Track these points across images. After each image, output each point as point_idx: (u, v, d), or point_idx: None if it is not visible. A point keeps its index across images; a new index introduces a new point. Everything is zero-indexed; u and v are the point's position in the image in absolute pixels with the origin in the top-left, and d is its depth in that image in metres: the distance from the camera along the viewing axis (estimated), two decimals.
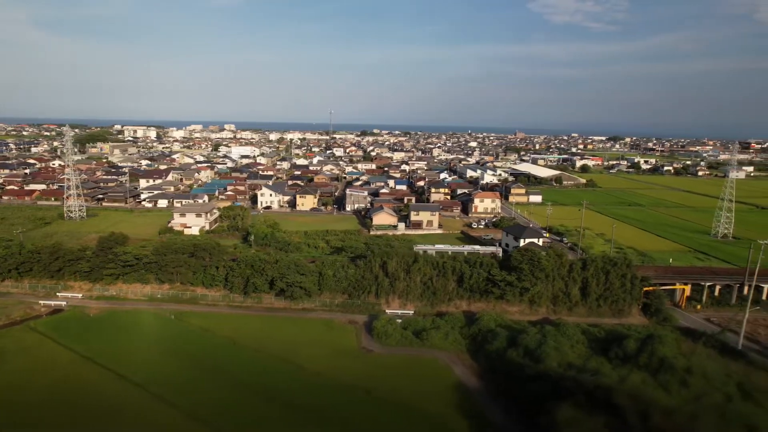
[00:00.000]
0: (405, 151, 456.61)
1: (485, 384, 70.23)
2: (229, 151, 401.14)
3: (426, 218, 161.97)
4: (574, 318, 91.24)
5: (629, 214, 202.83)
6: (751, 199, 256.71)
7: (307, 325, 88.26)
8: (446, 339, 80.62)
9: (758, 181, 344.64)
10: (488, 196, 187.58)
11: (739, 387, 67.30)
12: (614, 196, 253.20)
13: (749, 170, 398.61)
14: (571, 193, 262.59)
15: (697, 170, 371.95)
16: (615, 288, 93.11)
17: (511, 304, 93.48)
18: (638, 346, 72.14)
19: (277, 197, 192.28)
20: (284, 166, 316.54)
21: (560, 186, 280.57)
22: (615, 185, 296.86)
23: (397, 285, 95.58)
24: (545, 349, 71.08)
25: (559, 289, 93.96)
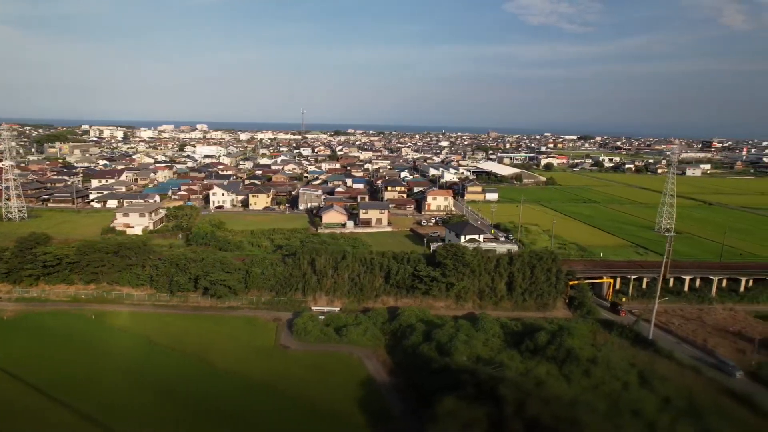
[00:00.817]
0: (373, 150, 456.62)
1: (396, 378, 70.40)
2: (194, 151, 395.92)
3: (375, 216, 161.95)
4: (499, 312, 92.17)
5: (582, 210, 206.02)
6: (704, 196, 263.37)
7: (229, 324, 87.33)
8: (365, 335, 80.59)
9: (713, 179, 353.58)
10: (441, 194, 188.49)
11: (640, 375, 69.06)
12: (572, 194, 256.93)
13: (706, 168, 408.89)
14: (529, 191, 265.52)
15: (657, 168, 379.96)
16: (540, 282, 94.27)
17: (437, 299, 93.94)
18: (548, 339, 73.21)
19: (229, 197, 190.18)
20: (247, 165, 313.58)
21: (520, 184, 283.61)
22: (575, 183, 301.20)
23: (325, 282, 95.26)
24: (455, 344, 71.58)
25: (485, 284, 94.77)
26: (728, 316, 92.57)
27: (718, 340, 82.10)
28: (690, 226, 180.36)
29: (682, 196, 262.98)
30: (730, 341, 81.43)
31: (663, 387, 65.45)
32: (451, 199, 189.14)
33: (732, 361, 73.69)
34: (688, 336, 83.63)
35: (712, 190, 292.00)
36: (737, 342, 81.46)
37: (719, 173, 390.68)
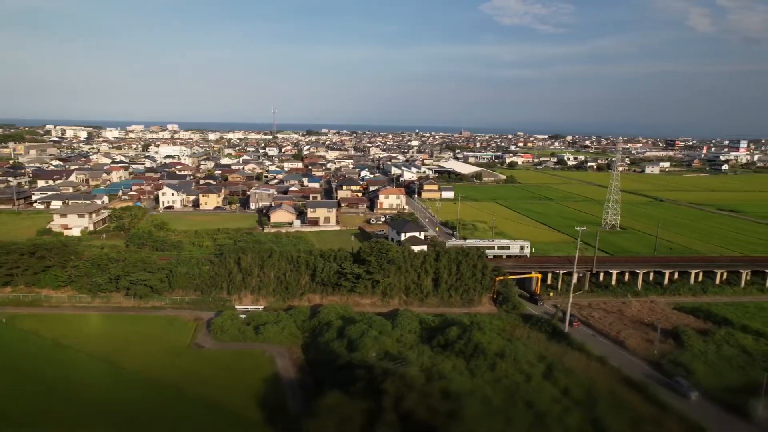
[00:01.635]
0: (341, 150, 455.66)
1: (304, 375, 70.09)
2: (157, 151, 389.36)
3: (323, 215, 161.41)
4: (424, 308, 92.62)
5: (535, 207, 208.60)
6: (658, 193, 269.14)
7: (148, 324, 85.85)
8: (282, 333, 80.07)
9: (671, 176, 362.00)
10: (393, 192, 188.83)
11: (548, 367, 70.05)
12: (529, 191, 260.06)
13: (666, 166, 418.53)
14: (488, 189, 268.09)
15: (617, 166, 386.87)
16: (465, 278, 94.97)
17: (363, 296, 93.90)
18: (459, 334, 73.69)
19: (180, 197, 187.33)
20: (208, 165, 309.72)
21: (480, 182, 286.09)
22: (535, 181, 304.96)
23: (250, 281, 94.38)
24: (364, 340, 71.53)
25: (411, 280, 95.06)
26: (648, 308, 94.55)
27: (631, 332, 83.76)
28: (635, 222, 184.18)
29: (636, 193, 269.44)
30: (642, 332, 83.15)
31: (565, 378, 66.55)
32: (404, 197, 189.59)
33: (686, 381, 68.63)
34: (604, 328, 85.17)
35: (667, 187, 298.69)
36: (648, 333, 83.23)
37: (677, 171, 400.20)
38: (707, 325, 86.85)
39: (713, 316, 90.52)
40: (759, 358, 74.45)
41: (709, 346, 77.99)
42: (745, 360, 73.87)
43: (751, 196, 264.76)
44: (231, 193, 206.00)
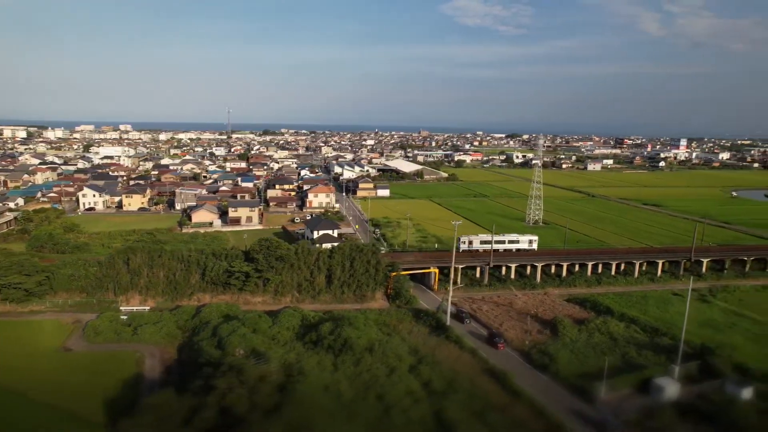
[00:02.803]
0: (291, 149, 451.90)
1: (170, 375, 68.61)
2: (97, 151, 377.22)
3: (245, 214, 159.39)
4: (316, 305, 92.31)
5: (467, 204, 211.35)
6: (594, 189, 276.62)
7: (21, 328, 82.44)
8: (159, 332, 78.37)
9: (611, 173, 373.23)
10: (322, 191, 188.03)
11: (419, 360, 70.85)
12: (467, 189, 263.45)
13: (609, 163, 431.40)
14: (428, 186, 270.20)
15: (562, 163, 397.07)
16: (359, 274, 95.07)
17: (254, 294, 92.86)
18: (331, 330, 73.63)
19: (103, 198, 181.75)
20: (147, 166, 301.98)
21: (422, 180, 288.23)
22: (478, 178, 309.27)
23: (138, 281, 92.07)
24: (231, 338, 70.65)
25: (304, 277, 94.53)
26: (539, 301, 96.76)
27: (514, 323, 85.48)
28: (561, 217, 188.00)
29: (573, 189, 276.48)
30: (524, 324, 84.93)
31: (430, 371, 67.34)
32: (333, 195, 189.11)
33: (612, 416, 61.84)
34: (489, 321, 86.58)
35: (604, 183, 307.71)
36: (529, 323, 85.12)
37: (618, 168, 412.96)
38: (590, 315, 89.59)
39: (598, 306, 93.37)
40: (622, 344, 77.14)
41: (582, 335, 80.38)
42: (608, 346, 76.34)
43: (676, 191, 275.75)
44: (159, 193, 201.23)
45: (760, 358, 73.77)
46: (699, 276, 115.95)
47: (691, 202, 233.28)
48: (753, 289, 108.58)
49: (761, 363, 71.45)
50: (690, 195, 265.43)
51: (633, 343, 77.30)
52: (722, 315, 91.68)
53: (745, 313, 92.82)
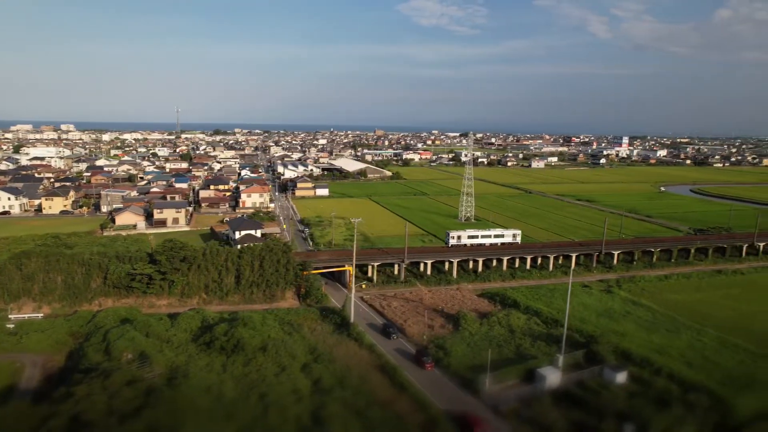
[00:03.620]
0: (238, 149, 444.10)
1: (50, 384, 65.64)
2: (27, 152, 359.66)
3: (171, 216, 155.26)
4: (225, 306, 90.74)
5: (405, 202, 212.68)
6: (533, 185, 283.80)
7: None
8: (47, 340, 75.04)
9: (554, 170, 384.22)
10: (256, 191, 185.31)
11: (316, 358, 70.67)
12: (409, 187, 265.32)
13: (553, 160, 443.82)
14: (370, 185, 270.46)
15: (507, 161, 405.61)
16: (268, 274, 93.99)
17: (159, 297, 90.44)
18: (225, 330, 72.44)
19: (19, 201, 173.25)
20: (82, 167, 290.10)
21: (365, 179, 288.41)
22: (422, 177, 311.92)
23: (32, 287, 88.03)
24: (119, 342, 68.45)
25: (211, 278, 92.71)
26: (449, 296, 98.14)
27: (419, 319, 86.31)
28: (494, 214, 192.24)
29: (513, 186, 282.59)
30: (429, 318, 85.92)
31: (323, 368, 67.21)
32: (268, 195, 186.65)
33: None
34: (395, 317, 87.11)
35: (544, 180, 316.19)
36: (435, 318, 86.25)
37: (562, 165, 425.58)
38: (496, 308, 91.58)
39: (506, 300, 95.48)
40: (518, 336, 79.12)
41: (483, 328, 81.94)
42: (505, 338, 78.15)
43: (610, 187, 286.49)
44: (87, 195, 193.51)
45: (644, 344, 77.09)
46: (609, 268, 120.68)
47: (621, 197, 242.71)
48: (656, 279, 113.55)
49: (643, 348, 74.77)
50: (623, 190, 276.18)
51: (529, 335, 79.37)
52: (621, 304, 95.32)
53: (643, 302, 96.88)
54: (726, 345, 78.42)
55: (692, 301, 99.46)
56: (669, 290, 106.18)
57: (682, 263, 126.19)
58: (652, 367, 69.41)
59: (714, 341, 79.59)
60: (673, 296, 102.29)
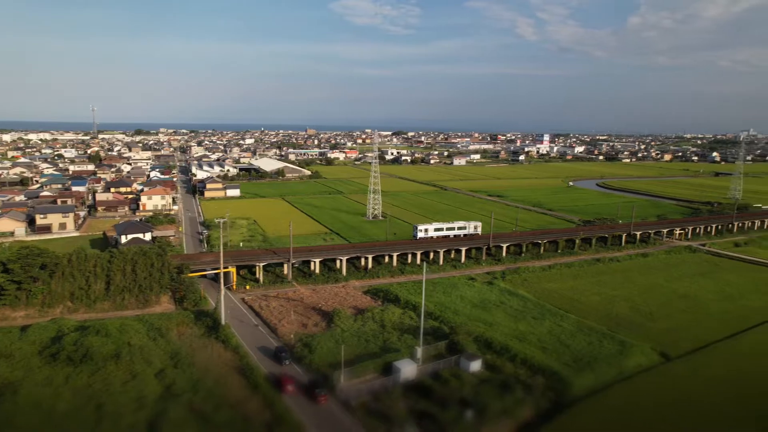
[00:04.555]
0: (157, 150, 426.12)
1: None
2: None
3: (57, 221, 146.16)
4: (93, 314, 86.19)
5: (317, 201, 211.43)
6: (451, 182, 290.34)
7: None
8: None
9: (475, 167, 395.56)
10: (158, 192, 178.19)
11: (175, 363, 68.62)
12: (326, 186, 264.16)
13: (476, 157, 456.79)
14: (286, 185, 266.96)
15: (430, 159, 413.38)
16: (141, 279, 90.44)
17: (15, 309, 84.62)
18: (74, 340, 68.88)
19: None
20: None
21: (283, 179, 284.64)
22: (342, 175, 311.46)
23: None
24: None
25: (78, 285, 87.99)
26: (333, 294, 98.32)
27: (296, 317, 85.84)
28: (404, 211, 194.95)
29: (430, 183, 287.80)
30: (304, 317, 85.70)
31: (180, 373, 65.38)
32: (170, 197, 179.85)
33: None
34: (270, 317, 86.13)
35: (462, 176, 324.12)
36: (312, 317, 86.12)
37: (484, 162, 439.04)
38: (377, 304, 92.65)
39: (389, 295, 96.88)
40: (389, 330, 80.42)
41: (356, 324, 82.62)
42: (375, 333, 79.17)
43: (523, 183, 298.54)
44: None
45: (509, 332, 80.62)
46: (498, 260, 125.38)
47: (530, 192, 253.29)
48: (540, 269, 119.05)
49: (506, 336, 78.13)
50: (534, 185, 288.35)
51: (399, 329, 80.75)
52: (498, 295, 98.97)
53: (519, 292, 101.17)
54: (582, 328, 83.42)
55: (566, 289, 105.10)
56: (548, 279, 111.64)
57: (567, 253, 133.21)
58: (510, 353, 72.73)
59: (572, 325, 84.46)
60: (550, 285, 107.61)
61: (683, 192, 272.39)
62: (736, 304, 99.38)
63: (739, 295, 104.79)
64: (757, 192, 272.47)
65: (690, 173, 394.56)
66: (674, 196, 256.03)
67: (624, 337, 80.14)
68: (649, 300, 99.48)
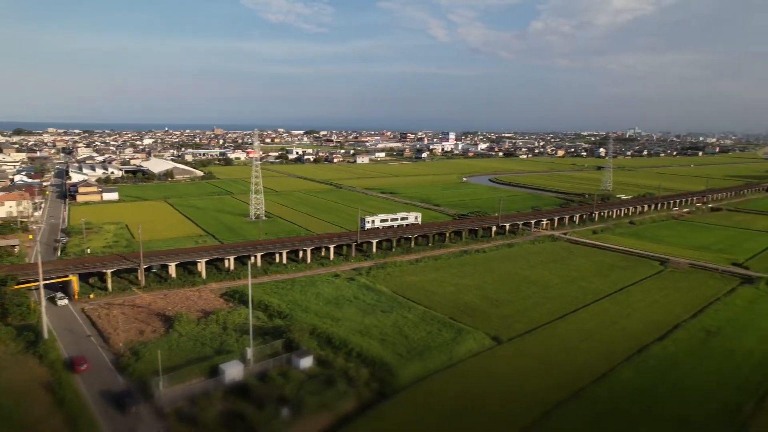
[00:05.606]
0: (36, 151, 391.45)
1: None
2: None
3: None
4: None
5: (203, 203, 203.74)
6: (350, 181, 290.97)
7: None
8: None
9: (377, 165, 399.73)
10: (12, 198, 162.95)
11: None
12: (217, 187, 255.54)
13: (381, 156, 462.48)
14: (173, 187, 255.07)
15: (334, 158, 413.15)
16: None
17: None
18: None
19: None
20: None
21: (172, 180, 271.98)
22: (238, 176, 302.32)
23: None
24: None
25: None
26: (186, 297, 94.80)
27: (136, 325, 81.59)
28: (292, 211, 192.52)
29: (326, 182, 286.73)
30: (144, 324, 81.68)
31: None
32: (28, 203, 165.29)
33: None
34: (105, 327, 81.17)
35: (361, 175, 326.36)
36: (153, 323, 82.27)
37: (388, 160, 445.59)
38: (227, 306, 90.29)
39: (244, 296, 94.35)
40: (229, 332, 78.53)
41: (197, 328, 79.87)
42: (213, 336, 76.97)
43: (419, 180, 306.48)
44: None
45: (354, 326, 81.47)
46: (368, 256, 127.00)
47: (423, 189, 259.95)
48: (407, 263, 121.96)
49: (348, 331, 78.74)
50: (429, 182, 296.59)
51: (241, 330, 78.92)
52: (356, 291, 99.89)
53: (377, 286, 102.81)
54: (426, 319, 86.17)
55: (426, 281, 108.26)
56: (412, 273, 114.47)
57: (438, 247, 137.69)
58: (347, 348, 73.31)
59: (418, 316, 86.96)
60: (411, 278, 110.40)
61: (564, 185, 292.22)
62: (575, 286, 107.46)
63: (581, 277, 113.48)
64: (627, 183, 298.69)
65: (576, 168, 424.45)
66: (555, 189, 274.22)
67: (464, 325, 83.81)
68: (500, 288, 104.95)
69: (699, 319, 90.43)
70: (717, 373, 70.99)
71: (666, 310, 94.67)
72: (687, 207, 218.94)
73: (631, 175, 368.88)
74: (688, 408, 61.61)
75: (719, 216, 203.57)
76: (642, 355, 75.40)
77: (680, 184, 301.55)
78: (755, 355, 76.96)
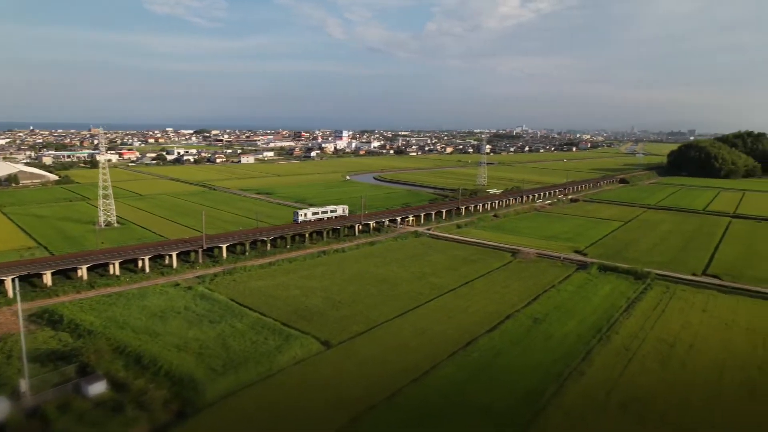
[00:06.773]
0: None
1: None
2: None
3: None
4: None
5: (45, 211, 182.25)
6: (228, 182, 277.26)
7: None
8: None
9: (264, 164, 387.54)
10: None
11: None
12: (72, 192, 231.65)
13: (270, 155, 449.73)
14: (16, 193, 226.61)
15: (216, 158, 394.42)
16: None
17: None
18: None
19: None
20: None
21: (16, 186, 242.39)
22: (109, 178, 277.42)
23: None
24: None
25: None
26: None
27: None
28: (144, 214, 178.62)
29: (201, 183, 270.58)
30: None
31: None
32: None
33: None
34: None
35: (240, 175, 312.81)
36: None
37: (275, 159, 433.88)
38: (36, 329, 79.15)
39: (54, 316, 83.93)
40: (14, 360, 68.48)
41: None
42: None
43: (301, 179, 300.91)
44: None
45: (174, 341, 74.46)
46: (217, 262, 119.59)
47: (302, 189, 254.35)
48: (260, 267, 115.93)
49: (162, 348, 71.76)
50: (313, 181, 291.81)
51: (33, 358, 69.05)
52: (189, 301, 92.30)
53: (215, 295, 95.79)
54: (256, 327, 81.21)
55: (272, 286, 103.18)
56: (260, 277, 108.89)
57: (297, 248, 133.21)
58: (156, 366, 66.62)
59: (247, 325, 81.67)
60: (258, 283, 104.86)
61: (445, 181, 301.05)
62: (423, 282, 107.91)
63: (431, 273, 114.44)
64: (502, 178, 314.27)
65: (461, 164, 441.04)
66: (435, 185, 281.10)
67: (295, 331, 79.99)
68: (347, 288, 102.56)
69: (531, 308, 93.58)
70: (531, 359, 73.34)
71: (503, 301, 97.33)
72: (549, 199, 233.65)
73: (508, 170, 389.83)
74: (493, 397, 62.42)
75: (575, 207, 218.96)
76: (468, 349, 76.07)
77: (551, 177, 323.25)
78: (569, 338, 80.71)
